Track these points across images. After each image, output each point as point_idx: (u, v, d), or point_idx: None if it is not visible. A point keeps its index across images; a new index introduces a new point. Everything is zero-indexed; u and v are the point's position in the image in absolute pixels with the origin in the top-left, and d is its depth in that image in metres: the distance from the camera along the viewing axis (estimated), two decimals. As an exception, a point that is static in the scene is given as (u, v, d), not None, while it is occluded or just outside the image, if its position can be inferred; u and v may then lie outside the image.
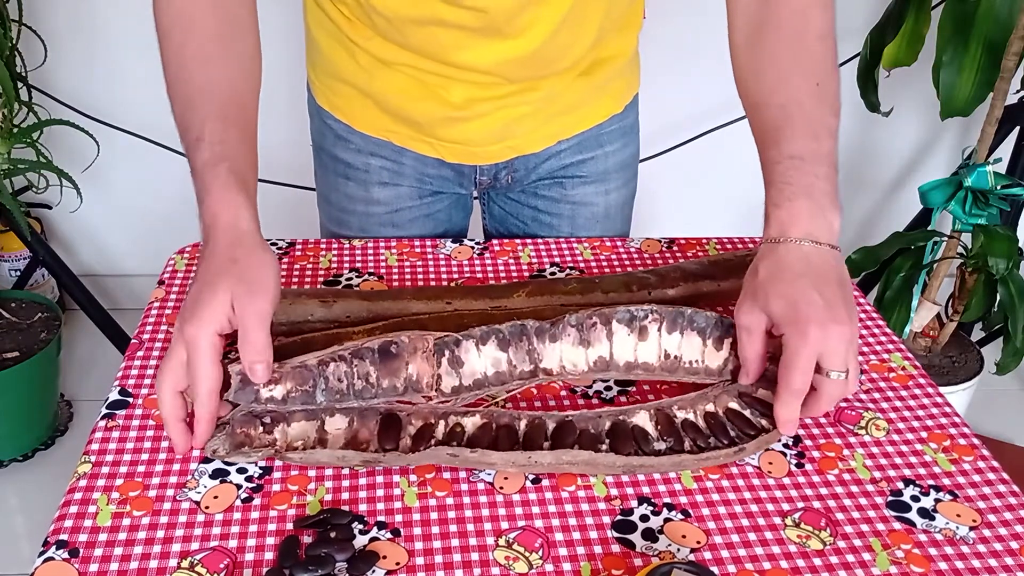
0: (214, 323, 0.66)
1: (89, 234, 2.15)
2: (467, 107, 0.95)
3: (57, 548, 0.63)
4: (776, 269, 0.71)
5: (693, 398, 0.74)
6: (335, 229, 1.09)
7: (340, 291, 0.84)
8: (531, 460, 0.68)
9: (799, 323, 0.68)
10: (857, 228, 2.23)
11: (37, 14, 1.81)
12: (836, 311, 0.68)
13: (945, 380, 1.73)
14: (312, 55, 1.03)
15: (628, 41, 1.01)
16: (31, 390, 1.77)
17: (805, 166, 0.73)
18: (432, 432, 0.70)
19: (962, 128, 2.13)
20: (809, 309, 0.68)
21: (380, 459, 0.69)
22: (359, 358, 0.71)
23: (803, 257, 0.71)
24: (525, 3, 0.84)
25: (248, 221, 0.72)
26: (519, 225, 1.10)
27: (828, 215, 0.72)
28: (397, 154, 1.02)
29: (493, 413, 0.72)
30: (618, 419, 0.72)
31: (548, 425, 0.71)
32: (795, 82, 0.77)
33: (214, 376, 0.67)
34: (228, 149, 0.74)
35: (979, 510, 0.69)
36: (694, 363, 0.76)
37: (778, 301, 0.70)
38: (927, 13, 1.59)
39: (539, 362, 0.75)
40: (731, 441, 0.71)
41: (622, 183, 1.09)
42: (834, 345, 0.68)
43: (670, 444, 0.71)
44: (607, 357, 0.76)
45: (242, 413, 0.70)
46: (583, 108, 1.02)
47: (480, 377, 0.74)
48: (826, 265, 0.71)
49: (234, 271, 0.68)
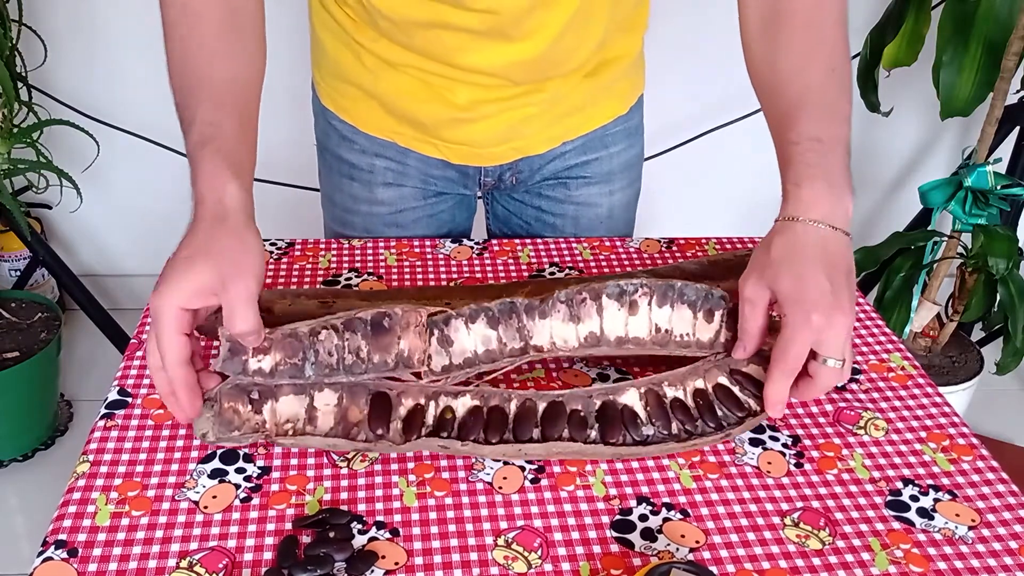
0: (179, 296, 0.66)
1: (89, 234, 2.16)
2: (472, 109, 0.95)
3: (56, 548, 0.63)
4: (791, 248, 0.70)
5: (683, 374, 0.74)
6: (339, 229, 1.09)
7: (339, 291, 0.84)
8: (521, 451, 0.69)
9: (804, 306, 0.68)
10: (857, 228, 2.20)
11: (37, 14, 1.81)
12: (841, 299, 0.68)
13: (945, 380, 1.73)
14: (317, 56, 1.03)
15: (633, 42, 1.01)
16: (31, 390, 1.77)
17: (824, 149, 0.73)
18: (423, 416, 0.70)
19: (962, 128, 2.13)
20: (817, 294, 0.68)
21: (371, 447, 0.69)
22: (351, 330, 0.71)
23: (820, 240, 0.70)
24: (532, 6, 0.84)
25: (234, 199, 0.70)
26: (522, 225, 1.10)
27: (845, 200, 0.72)
28: (402, 155, 1.02)
29: (484, 393, 0.72)
30: (608, 399, 0.72)
31: (539, 406, 0.71)
32: (812, 68, 0.77)
33: (178, 346, 0.66)
34: (220, 131, 0.73)
35: (978, 510, 0.69)
36: (685, 336, 0.76)
37: (787, 280, 0.69)
38: (927, 13, 1.59)
39: (529, 339, 0.75)
40: (718, 424, 0.72)
41: (626, 184, 1.09)
42: (835, 333, 0.68)
43: (658, 427, 0.71)
44: (598, 333, 0.76)
45: (229, 386, 0.70)
46: (588, 109, 1.02)
47: (470, 355, 0.73)
48: (840, 252, 0.71)
49: (214, 249, 0.67)
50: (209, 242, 0.68)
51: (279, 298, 0.79)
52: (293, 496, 0.67)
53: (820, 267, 0.69)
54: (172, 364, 0.67)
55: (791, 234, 0.71)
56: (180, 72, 0.77)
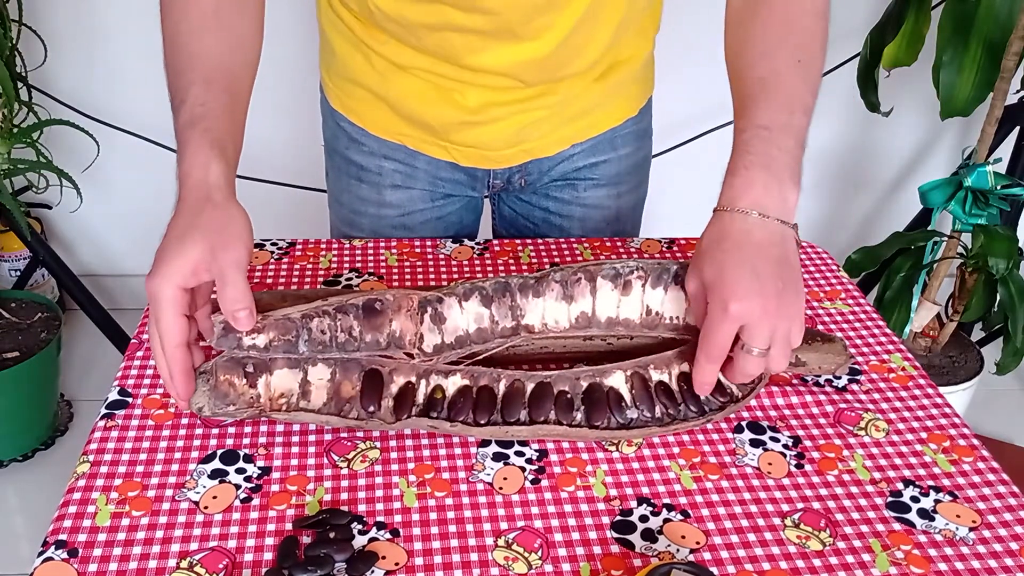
0: (176, 276, 0.66)
1: (89, 234, 2.15)
2: (482, 112, 0.94)
3: (56, 548, 0.63)
4: (717, 237, 0.71)
5: (669, 357, 0.75)
6: (346, 230, 1.09)
7: (340, 292, 0.84)
8: (508, 433, 0.70)
9: (723, 294, 0.68)
10: (857, 228, 2.23)
11: (37, 14, 1.81)
12: (764, 286, 0.67)
13: (945, 380, 1.73)
14: (326, 58, 1.02)
15: (644, 44, 1.00)
16: (31, 390, 1.77)
17: (772, 137, 0.72)
18: (414, 395, 0.71)
19: (962, 128, 2.13)
20: (735, 282, 0.67)
21: (362, 424, 0.70)
22: (343, 312, 0.72)
23: (746, 229, 0.70)
24: (539, 5, 0.83)
25: (218, 176, 0.71)
26: (529, 227, 1.10)
27: (784, 189, 0.71)
28: (411, 157, 1.02)
29: (473, 372, 0.72)
30: (594, 381, 0.73)
31: (527, 387, 0.72)
32: (778, 56, 0.76)
33: (178, 328, 0.67)
34: (208, 111, 0.73)
35: (979, 511, 0.69)
36: (675, 319, 0.77)
37: (710, 270, 0.70)
38: (927, 13, 1.59)
39: (521, 318, 0.75)
40: (700, 409, 0.73)
41: (634, 186, 1.09)
42: (756, 320, 0.67)
43: (642, 411, 0.72)
44: (589, 313, 0.76)
45: (224, 359, 0.70)
46: (598, 112, 1.02)
47: (462, 334, 0.74)
48: (769, 239, 0.70)
49: (201, 224, 0.68)
50: (196, 219, 0.68)
51: (279, 300, 0.79)
52: (293, 496, 0.67)
53: (742, 256, 0.68)
54: (172, 346, 0.67)
55: (718, 224, 0.71)
56: (171, 53, 0.78)
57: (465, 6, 0.83)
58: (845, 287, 0.95)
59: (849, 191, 2.18)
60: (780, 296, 0.68)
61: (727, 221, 0.71)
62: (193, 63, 0.76)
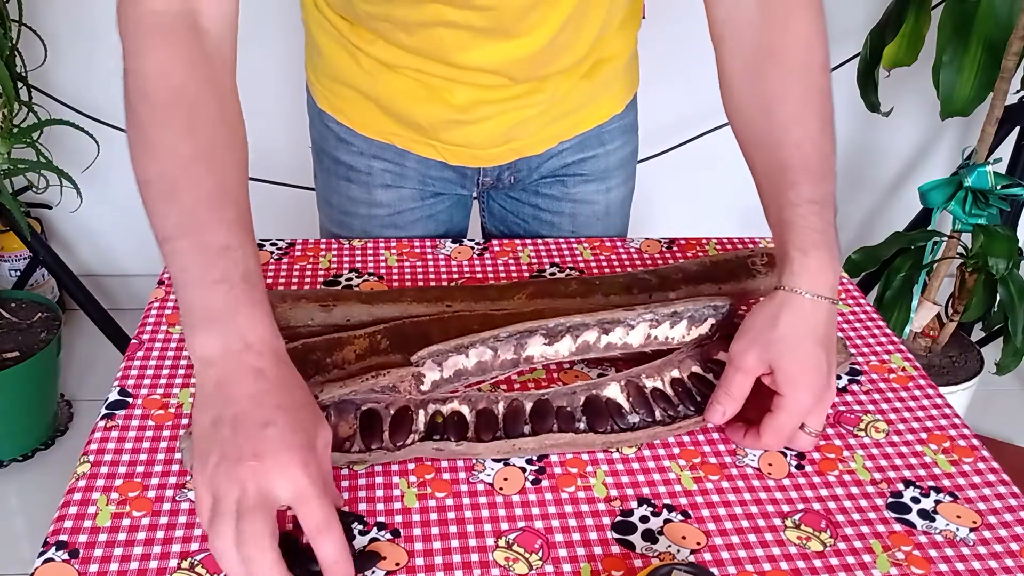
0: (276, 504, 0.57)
1: (89, 234, 2.15)
2: (471, 110, 0.94)
3: (57, 549, 0.62)
4: (797, 327, 0.70)
5: (659, 365, 0.76)
6: (336, 231, 1.09)
7: (340, 293, 0.84)
8: (515, 447, 0.70)
9: (803, 389, 0.70)
10: (857, 228, 2.23)
11: (37, 14, 1.81)
12: (831, 379, 0.71)
13: (945, 380, 1.73)
14: (312, 57, 1.02)
15: (628, 40, 1.01)
16: (31, 390, 1.77)
17: (823, 212, 0.72)
18: (412, 421, 0.70)
19: (962, 128, 2.13)
20: (815, 377, 0.70)
21: (366, 457, 0.69)
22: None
23: (824, 319, 0.71)
24: (534, 2, 0.84)
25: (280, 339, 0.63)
26: (519, 224, 1.10)
27: (838, 268, 0.73)
28: (400, 157, 1.02)
29: (471, 397, 0.72)
30: (591, 393, 0.73)
31: (526, 406, 0.72)
32: (808, 119, 0.76)
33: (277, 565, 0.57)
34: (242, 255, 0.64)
35: (979, 511, 0.69)
36: (670, 340, 0.78)
37: (790, 361, 0.70)
38: (927, 13, 1.59)
39: (522, 351, 0.76)
40: (699, 408, 0.74)
41: (622, 180, 1.10)
42: (821, 409, 0.71)
43: (642, 415, 0.73)
44: (590, 342, 0.77)
45: None
46: (585, 109, 1.02)
47: (461, 368, 0.74)
48: (833, 326, 0.72)
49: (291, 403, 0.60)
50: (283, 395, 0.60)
51: (279, 301, 0.79)
52: (294, 497, 0.67)
53: (821, 348, 0.70)
54: None
55: (799, 310, 0.71)
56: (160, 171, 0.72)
57: (459, 3, 0.83)
58: (845, 287, 0.95)
59: (849, 191, 2.18)
60: (831, 377, 0.71)
61: (808, 310, 0.71)
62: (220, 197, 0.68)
